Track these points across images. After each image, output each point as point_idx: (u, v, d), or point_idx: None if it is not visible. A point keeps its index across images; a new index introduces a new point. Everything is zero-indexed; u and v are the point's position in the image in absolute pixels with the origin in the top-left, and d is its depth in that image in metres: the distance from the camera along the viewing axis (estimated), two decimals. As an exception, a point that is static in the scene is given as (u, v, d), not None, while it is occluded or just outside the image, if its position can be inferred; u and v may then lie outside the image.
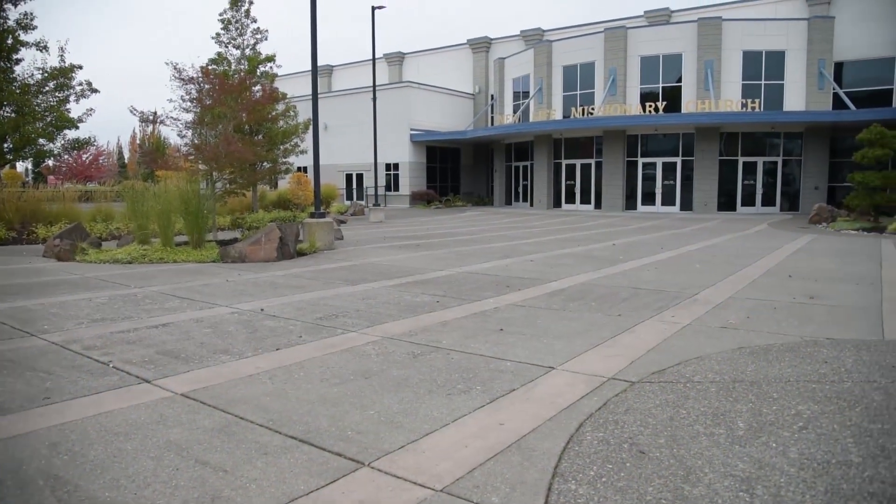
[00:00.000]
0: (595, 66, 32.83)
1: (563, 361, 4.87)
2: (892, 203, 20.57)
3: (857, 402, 3.92)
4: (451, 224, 23.25)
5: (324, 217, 14.35)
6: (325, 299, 7.65)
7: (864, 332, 5.88)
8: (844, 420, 3.62)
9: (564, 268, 10.47)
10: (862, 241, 15.74)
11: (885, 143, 20.35)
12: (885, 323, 6.23)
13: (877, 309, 6.95)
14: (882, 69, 31.36)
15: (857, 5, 31.83)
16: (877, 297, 7.67)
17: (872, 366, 4.71)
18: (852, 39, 31.24)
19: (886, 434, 3.41)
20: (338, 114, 40.65)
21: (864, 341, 5.49)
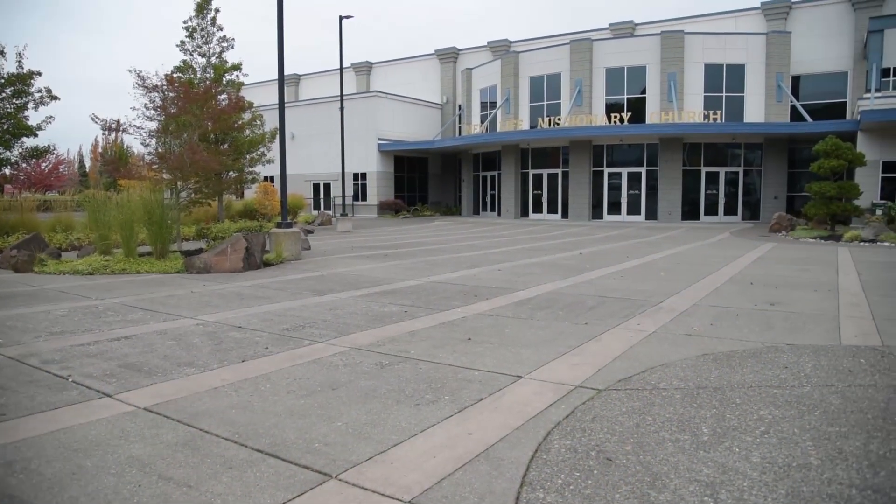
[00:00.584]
0: (561, 77, 33.24)
1: (531, 370, 4.90)
2: (848, 212, 21.17)
3: (816, 406, 4.02)
4: (418, 234, 23.25)
5: (291, 227, 14.24)
6: (291, 310, 7.58)
7: (822, 337, 6.03)
8: (804, 424, 3.71)
9: (532, 277, 10.54)
10: (819, 249, 16.16)
11: (839, 155, 20.95)
12: (841, 329, 6.41)
13: (834, 315, 7.14)
14: (836, 83, 32.39)
15: (811, 22, 32.87)
16: (834, 304, 7.89)
17: (830, 370, 4.84)
18: (808, 54, 32.26)
19: (843, 437, 3.50)
20: (305, 123, 40.42)
21: (822, 347, 5.63)
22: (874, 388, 4.39)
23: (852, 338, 6.00)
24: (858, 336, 6.06)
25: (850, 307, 7.66)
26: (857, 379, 4.61)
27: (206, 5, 20.22)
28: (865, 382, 4.52)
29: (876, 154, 25.46)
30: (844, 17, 32.36)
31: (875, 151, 25.44)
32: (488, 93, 37.63)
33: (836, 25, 32.46)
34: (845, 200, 21.30)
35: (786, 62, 30.44)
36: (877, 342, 5.80)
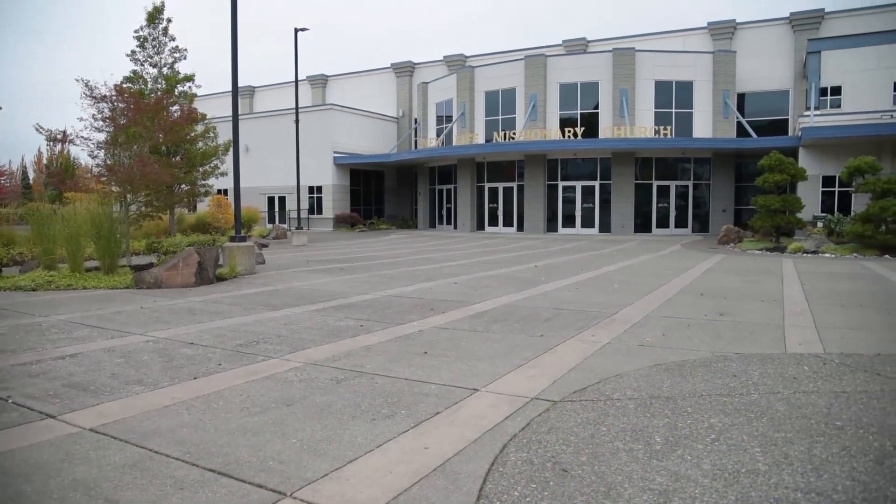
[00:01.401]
0: (516, 91, 33.67)
1: (487, 383, 4.92)
2: (791, 224, 21.93)
3: (763, 412, 4.14)
4: (375, 247, 23.16)
5: (245, 241, 14.03)
6: (245, 325, 7.46)
7: (769, 346, 6.22)
8: (752, 430, 3.82)
9: (488, 290, 10.60)
10: (766, 260, 16.69)
11: (783, 169, 21.72)
12: (786, 337, 6.62)
13: (779, 324, 7.37)
14: (778, 100, 33.68)
15: (755, 42, 34.15)
16: (779, 314, 8.14)
17: (776, 378, 4.99)
18: (752, 73, 33.50)
19: (789, 442, 3.62)
20: (260, 136, 39.97)
21: (768, 355, 5.81)
22: (817, 394, 4.55)
23: (796, 346, 6.20)
24: (802, 344, 6.27)
25: (795, 316, 7.93)
26: (801, 386, 4.76)
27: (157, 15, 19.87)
28: (809, 389, 4.67)
29: (816, 169, 26.49)
30: (785, 39, 33.71)
31: (815, 166, 26.47)
32: (444, 107, 37.87)
33: (778, 46, 33.80)
34: (789, 213, 22.06)
35: (731, 80, 31.49)
36: (819, 350, 6.01)
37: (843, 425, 3.89)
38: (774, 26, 34.16)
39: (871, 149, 25.02)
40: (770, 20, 34.46)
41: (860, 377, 5.00)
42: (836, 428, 3.85)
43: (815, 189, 26.62)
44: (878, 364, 5.42)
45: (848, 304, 9.03)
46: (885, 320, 7.66)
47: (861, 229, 18.45)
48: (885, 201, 18.15)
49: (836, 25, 32.73)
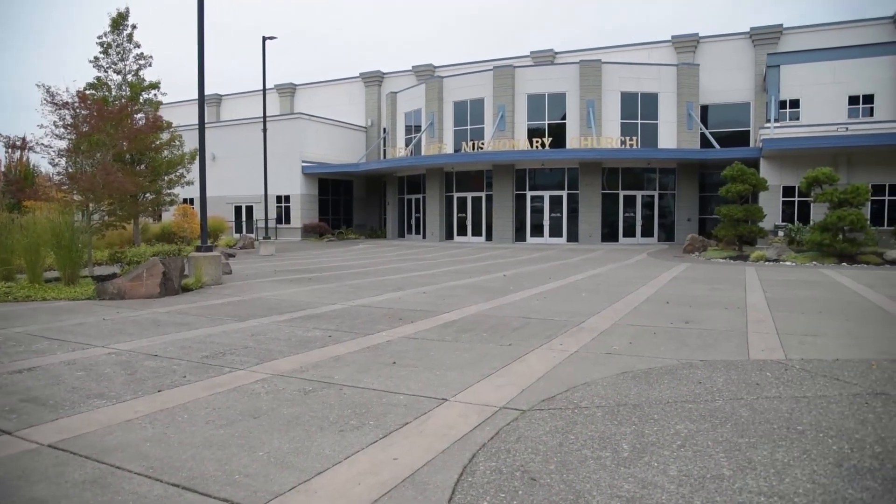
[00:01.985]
0: (485, 102, 33.88)
1: (456, 393, 4.92)
2: (754, 234, 22.41)
3: (728, 418, 4.22)
4: (343, 257, 23.04)
5: (211, 250, 13.84)
6: (211, 336, 7.35)
7: (733, 353, 6.34)
8: (717, 436, 3.88)
9: (457, 299, 10.62)
10: (729, 268, 17.02)
11: (745, 180, 22.21)
12: (749, 344, 6.75)
13: (742, 331, 7.52)
14: (740, 112, 34.48)
15: (717, 55, 34.95)
16: (742, 321, 8.31)
17: (740, 384, 5.08)
18: (715, 85, 34.26)
19: (752, 447, 3.68)
20: (227, 144, 39.54)
21: (732, 362, 5.92)
22: (779, 399, 4.64)
23: (759, 352, 6.33)
24: (765, 351, 6.40)
25: (757, 323, 8.09)
26: (764, 391, 4.86)
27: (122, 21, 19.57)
28: (771, 394, 4.77)
29: (777, 179, 27.15)
30: (746, 53, 34.57)
31: (776, 177, 27.13)
32: (413, 116, 37.93)
33: (739, 60, 34.64)
34: (751, 222, 22.55)
35: (695, 92, 32.15)
36: (781, 356, 6.14)
37: (803, 429, 3.98)
38: (735, 40, 35.01)
39: (828, 160, 25.77)
40: (731, 34, 35.30)
41: (820, 382, 5.12)
42: (797, 432, 3.94)
43: (776, 199, 27.29)
44: (837, 369, 5.56)
45: (807, 310, 9.25)
46: (842, 326, 7.86)
47: (820, 238, 18.93)
48: (842, 211, 18.67)
49: (795, 40, 33.67)
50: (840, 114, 31.88)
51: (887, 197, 26.18)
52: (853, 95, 32.30)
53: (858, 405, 4.49)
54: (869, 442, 3.76)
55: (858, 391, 4.85)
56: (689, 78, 32.03)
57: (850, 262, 18.27)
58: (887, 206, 26.18)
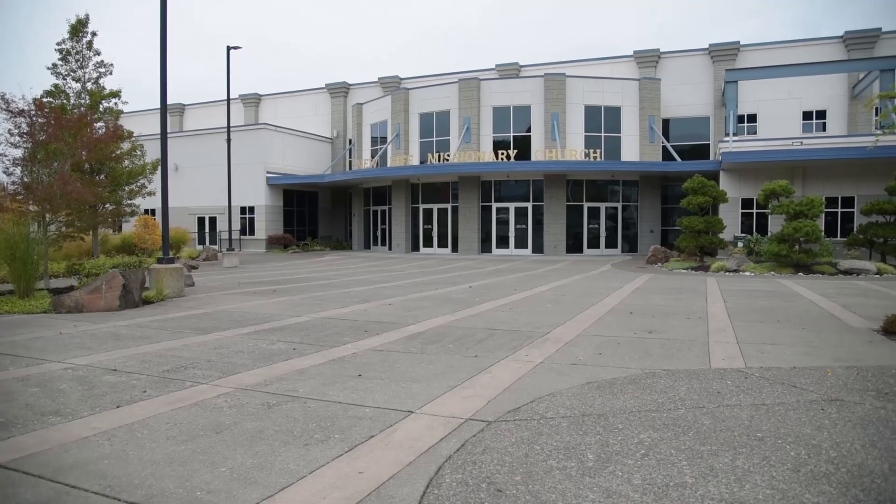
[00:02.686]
0: (450, 114, 34.06)
1: (422, 405, 4.91)
2: (714, 245, 22.88)
3: (690, 427, 4.28)
4: (308, 269, 22.84)
5: (173, 262, 13.60)
6: (173, 350, 7.21)
7: (694, 362, 6.45)
8: (679, 445, 3.94)
9: (423, 311, 10.60)
10: (691, 279, 17.33)
11: (705, 192, 22.69)
12: (710, 353, 6.88)
13: (704, 341, 7.66)
14: (701, 126, 35.29)
15: (678, 70, 35.76)
16: (704, 330, 8.46)
17: (701, 392, 5.17)
18: (676, 99, 35.04)
19: (714, 455, 3.75)
20: (190, 154, 38.99)
21: (694, 371, 6.02)
22: (739, 407, 4.74)
23: (720, 361, 6.45)
24: (725, 359, 6.53)
25: (718, 333, 8.25)
26: (725, 399, 4.95)
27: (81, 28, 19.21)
28: (732, 402, 4.86)
29: (736, 192, 27.81)
30: (705, 68, 35.44)
31: (735, 189, 27.80)
32: (379, 128, 37.92)
33: (699, 75, 35.49)
34: (712, 234, 23.02)
35: (657, 106, 32.81)
36: (741, 365, 6.27)
37: (763, 436, 4.07)
38: (695, 56, 35.87)
39: (785, 173, 26.52)
40: (691, 50, 36.17)
41: (778, 390, 5.24)
42: (756, 439, 4.02)
43: (736, 210, 27.94)
44: (794, 376, 5.70)
45: (766, 319, 9.46)
46: (799, 335, 8.07)
47: (777, 249, 19.42)
48: (798, 222, 19.19)
49: (751, 57, 34.63)
50: (795, 128, 32.96)
51: (840, 209, 27.02)
52: (807, 111, 33.42)
53: (815, 412, 4.61)
54: (825, 447, 3.86)
55: (814, 398, 4.98)
56: (651, 92, 32.68)
57: (807, 273, 18.77)
58: (840, 218, 27.01)
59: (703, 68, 35.49)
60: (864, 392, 5.14)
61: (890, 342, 7.50)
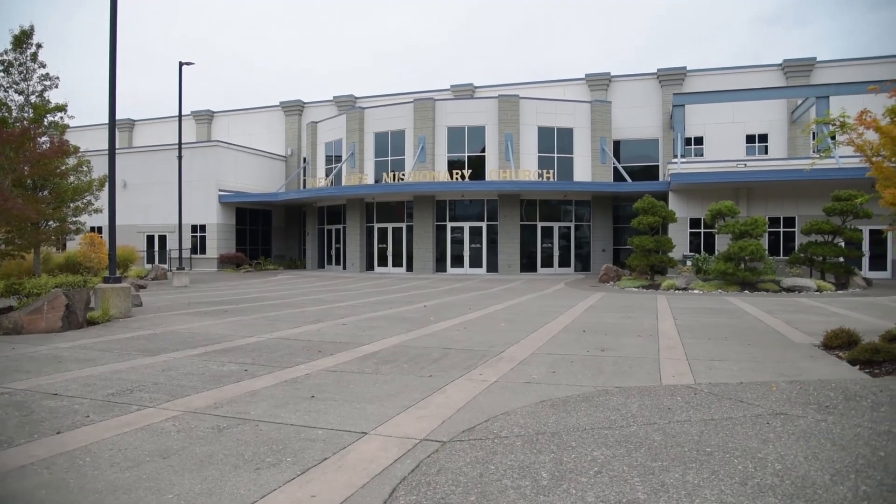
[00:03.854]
0: (405, 133, 34.17)
1: (376, 426, 4.86)
2: (664, 263, 23.41)
3: (642, 443, 4.34)
4: (261, 288, 22.48)
5: (120, 282, 13.22)
6: (118, 373, 6.98)
7: (646, 379, 6.56)
8: (632, 461, 3.99)
9: (377, 330, 10.54)
10: (642, 297, 17.67)
11: (655, 212, 23.25)
12: (661, 370, 7.01)
13: (655, 358, 7.80)
14: (650, 148, 36.25)
15: (628, 93, 36.74)
16: (655, 347, 8.63)
17: (653, 409, 5.26)
18: (626, 122, 35.95)
19: (665, 470, 3.81)
20: (139, 171, 38.11)
21: (645, 387, 6.12)
22: (689, 423, 4.83)
23: (670, 378, 6.58)
24: (675, 376, 6.66)
25: (668, 350, 8.42)
26: (675, 416, 5.05)
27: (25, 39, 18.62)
28: (682, 418, 4.96)
29: (684, 212, 28.57)
30: (654, 92, 36.49)
31: (683, 209, 28.56)
32: (334, 146, 37.77)
33: (647, 98, 36.53)
34: (662, 253, 23.55)
35: (608, 128, 33.58)
36: (690, 381, 6.40)
37: (712, 451, 4.15)
38: (644, 80, 36.91)
39: (730, 194, 27.41)
40: (641, 74, 37.21)
41: (726, 405, 5.37)
42: (706, 454, 4.10)
43: (684, 230, 28.68)
44: (741, 391, 5.85)
45: (714, 336, 9.71)
46: (745, 351, 8.29)
47: (724, 267, 19.98)
48: (743, 242, 19.80)
49: (698, 82, 35.83)
50: (739, 151, 34.16)
51: (782, 229, 28.00)
52: (750, 134, 34.68)
53: (760, 425, 4.73)
54: (770, 460, 3.97)
55: (760, 412, 5.11)
56: (602, 114, 33.45)
57: (752, 290, 19.34)
58: (782, 237, 27.98)
59: (651, 92, 36.54)
60: (806, 405, 5.31)
61: (829, 357, 7.77)
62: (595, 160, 33.26)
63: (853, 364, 7.21)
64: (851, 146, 8.44)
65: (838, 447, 4.22)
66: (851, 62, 33.94)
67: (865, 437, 4.44)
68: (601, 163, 33.21)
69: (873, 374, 6.72)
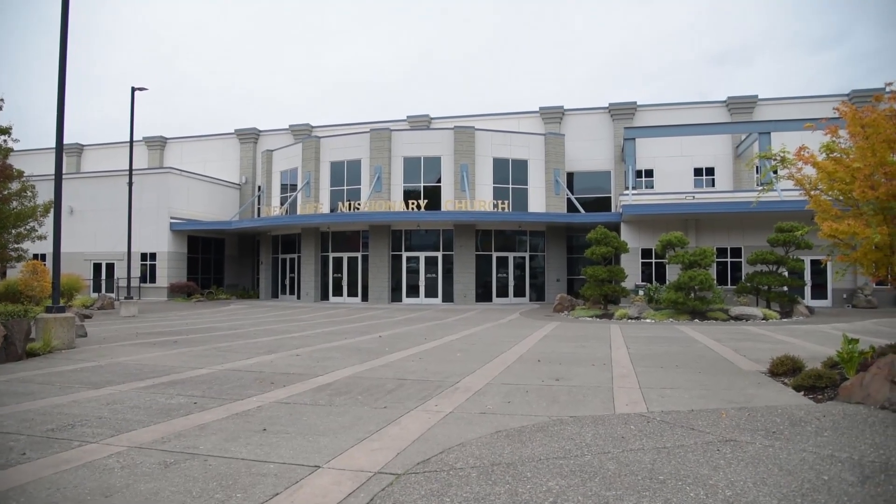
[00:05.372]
0: (362, 163, 34.17)
1: (330, 459, 4.78)
2: (617, 293, 23.78)
3: (596, 472, 4.36)
4: (212, 318, 21.99)
5: (64, 311, 12.76)
6: (59, 407, 6.71)
7: (600, 408, 6.61)
8: (587, 490, 4.00)
9: (331, 361, 10.40)
10: (595, 326, 17.89)
11: (607, 242, 23.68)
12: (615, 399, 7.08)
13: (609, 387, 7.88)
14: (602, 180, 37.07)
15: (581, 127, 37.64)
16: (608, 376, 8.72)
17: (607, 438, 5.30)
18: (579, 154, 36.76)
19: (619, 499, 3.83)
20: (87, 197, 37.11)
21: (599, 417, 6.16)
22: (642, 451, 4.88)
23: (624, 406, 6.65)
24: (629, 405, 6.74)
25: (622, 378, 8.53)
26: (629, 444, 5.09)
27: (-32, 65, 18.15)
28: (635, 447, 5.01)
29: (636, 242, 29.19)
30: (606, 125, 37.47)
31: (635, 240, 29.18)
32: (289, 175, 37.50)
33: (600, 131, 37.49)
34: (614, 282, 23.94)
35: (562, 160, 34.24)
36: (643, 409, 6.48)
37: (664, 479, 4.20)
38: (596, 114, 37.88)
39: (680, 225, 28.17)
40: (593, 108, 38.19)
41: (678, 433, 5.44)
42: (659, 482, 4.14)
43: (636, 260, 29.27)
44: (692, 419, 5.95)
45: (666, 365, 9.87)
46: (696, 378, 8.45)
47: (674, 296, 20.42)
48: (693, 272, 20.30)
49: (648, 116, 36.96)
50: (688, 183, 35.22)
51: (730, 259, 28.83)
52: (698, 167, 35.83)
53: (711, 452, 4.81)
54: (721, 486, 4.03)
55: (711, 439, 5.20)
56: (556, 147, 34.11)
57: (702, 319, 19.79)
58: (730, 267, 28.79)
59: (603, 126, 37.50)
60: (754, 432, 5.42)
61: (776, 383, 7.98)
62: (549, 191, 33.80)
63: (798, 390, 7.42)
64: (792, 180, 8.79)
65: (785, 472, 4.32)
66: (791, 100, 35.55)
67: (810, 461, 4.55)
68: (555, 194, 33.77)
69: (816, 399, 6.93)
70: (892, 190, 7.34)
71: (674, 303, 20.46)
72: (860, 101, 31.05)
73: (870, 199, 7.43)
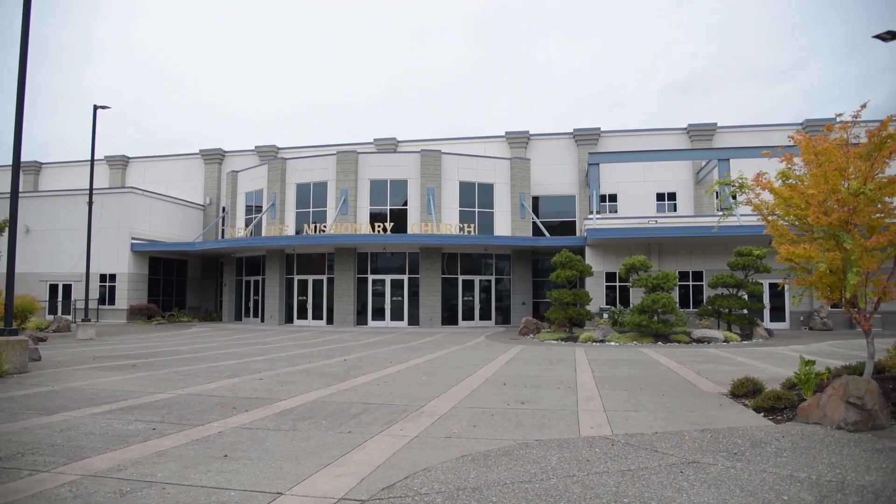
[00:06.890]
0: (328, 185, 34.05)
1: (292, 485, 4.69)
2: (582, 316, 23.99)
3: (561, 496, 4.36)
4: (173, 341, 21.52)
5: (17, 334, 12.37)
6: (8, 434, 6.47)
7: (565, 431, 6.62)
8: (550, 517, 3.99)
9: (295, 385, 10.25)
10: (561, 349, 17.98)
11: (572, 266, 23.92)
12: (580, 422, 7.11)
13: (574, 410, 7.91)
14: (567, 204, 37.54)
15: (546, 151, 38.17)
16: (573, 399, 8.75)
17: (572, 461, 5.30)
18: (545, 178, 37.21)
19: (583, 526, 3.83)
20: (44, 216, 36.21)
21: (564, 440, 6.18)
22: (607, 474, 4.90)
23: (589, 429, 6.67)
24: (594, 427, 6.77)
25: (586, 401, 8.57)
26: (594, 467, 5.11)
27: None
28: (600, 470, 5.02)
29: (600, 265, 29.54)
30: (570, 150, 38.05)
31: (599, 263, 29.53)
32: (254, 196, 37.16)
33: (565, 156, 38.04)
34: (579, 305, 24.14)
35: (527, 184, 34.60)
36: (608, 432, 6.52)
37: (629, 502, 4.21)
38: (561, 139, 38.46)
39: (643, 248, 28.62)
40: (558, 134, 38.77)
41: (642, 455, 5.48)
42: (622, 506, 4.15)
43: (601, 283, 29.60)
44: (656, 441, 6.00)
45: (630, 387, 9.96)
46: (659, 401, 8.54)
47: (638, 319, 20.66)
48: (656, 295, 20.60)
49: (611, 142, 37.67)
50: (651, 208, 35.87)
51: (691, 282, 29.34)
52: (660, 192, 36.54)
53: (675, 474, 4.85)
54: (684, 511, 4.06)
55: (674, 461, 5.25)
56: (522, 171, 34.48)
57: (665, 341, 20.04)
58: (692, 290, 29.30)
59: (568, 150, 38.07)
60: (716, 453, 5.49)
61: (737, 405, 8.11)
62: (515, 215, 34.08)
63: (758, 411, 7.55)
64: (750, 206, 9.02)
65: (746, 493, 4.37)
66: (749, 128, 36.65)
67: (770, 481, 4.62)
68: (521, 218, 34.06)
69: (776, 420, 7.05)
70: (843, 216, 7.58)
71: (638, 325, 20.70)
72: (813, 130, 32.18)
73: (823, 225, 7.66)
